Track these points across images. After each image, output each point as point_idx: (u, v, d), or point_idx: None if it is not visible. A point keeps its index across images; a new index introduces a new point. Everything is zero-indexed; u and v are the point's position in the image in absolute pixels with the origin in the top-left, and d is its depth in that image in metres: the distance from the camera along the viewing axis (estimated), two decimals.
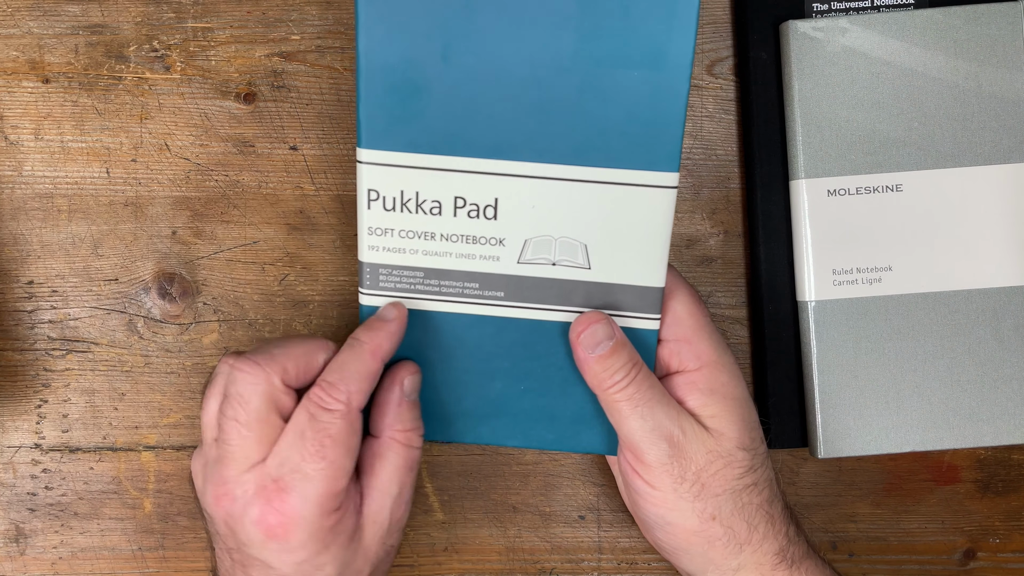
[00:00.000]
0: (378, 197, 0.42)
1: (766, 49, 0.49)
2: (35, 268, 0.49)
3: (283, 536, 0.39)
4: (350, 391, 0.40)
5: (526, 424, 0.45)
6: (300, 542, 0.39)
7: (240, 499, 0.39)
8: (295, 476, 0.39)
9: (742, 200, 0.51)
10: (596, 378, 0.42)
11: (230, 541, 0.41)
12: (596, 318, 0.42)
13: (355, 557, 0.41)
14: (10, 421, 0.50)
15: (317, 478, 0.39)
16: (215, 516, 0.40)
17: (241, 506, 0.39)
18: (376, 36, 0.40)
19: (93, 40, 0.49)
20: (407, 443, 0.42)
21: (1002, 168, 0.48)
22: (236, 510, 0.39)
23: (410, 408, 0.42)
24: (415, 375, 0.43)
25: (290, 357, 0.40)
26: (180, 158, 0.49)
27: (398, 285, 0.43)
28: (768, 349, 0.50)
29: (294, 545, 0.39)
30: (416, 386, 0.43)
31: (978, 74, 0.47)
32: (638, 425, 0.42)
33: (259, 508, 0.39)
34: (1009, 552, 0.52)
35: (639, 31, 0.39)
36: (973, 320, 0.48)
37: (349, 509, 0.40)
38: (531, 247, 0.42)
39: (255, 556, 0.40)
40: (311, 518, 0.39)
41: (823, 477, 0.52)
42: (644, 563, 0.52)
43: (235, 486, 0.39)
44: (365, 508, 0.41)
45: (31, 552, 0.50)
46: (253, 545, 0.39)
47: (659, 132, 0.40)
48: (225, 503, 0.40)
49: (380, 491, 0.41)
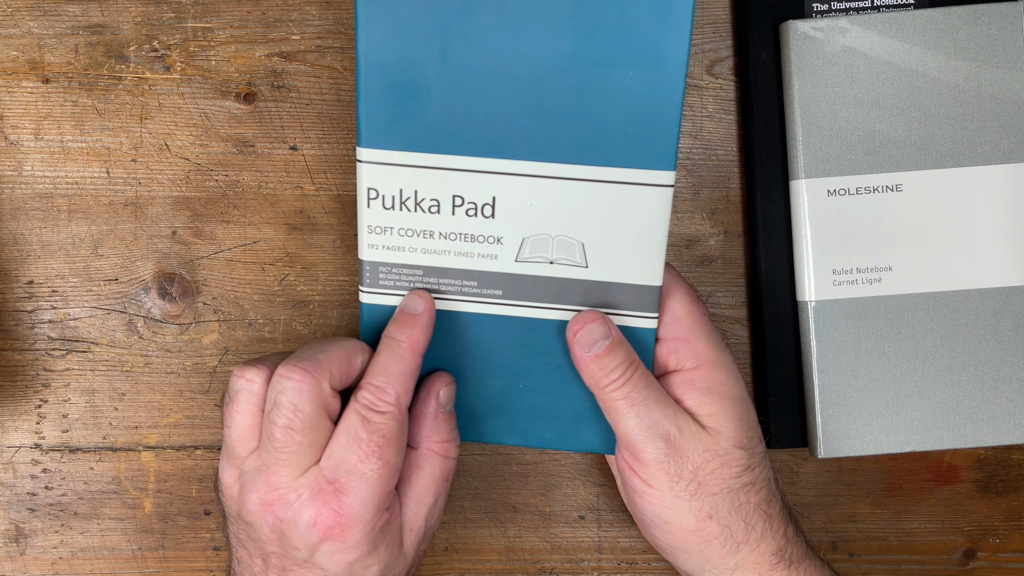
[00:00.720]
0: (378, 196, 0.42)
1: (766, 49, 0.49)
2: (35, 268, 0.49)
3: (340, 536, 0.40)
4: (398, 392, 0.40)
5: (525, 423, 0.45)
6: (355, 542, 0.40)
7: (294, 503, 0.40)
8: (352, 477, 0.40)
9: (742, 200, 0.51)
10: (593, 377, 0.42)
11: (273, 546, 0.41)
12: (592, 317, 0.42)
13: (396, 561, 0.42)
14: (10, 421, 0.50)
15: (374, 478, 0.40)
16: (260, 522, 0.41)
17: (295, 509, 0.40)
18: (375, 36, 0.40)
19: (93, 40, 0.49)
20: (444, 454, 0.43)
21: (1002, 168, 0.48)
22: (289, 514, 0.40)
23: (446, 419, 0.43)
24: (450, 386, 0.43)
25: (334, 361, 0.41)
26: (180, 158, 0.49)
27: (398, 283, 0.43)
28: (768, 349, 0.50)
29: (349, 545, 0.40)
30: (451, 397, 0.44)
31: (978, 74, 0.47)
32: (634, 423, 0.42)
33: (315, 509, 0.40)
34: (1009, 552, 0.52)
35: (635, 31, 0.39)
36: (973, 320, 0.48)
37: (396, 511, 0.42)
38: (529, 245, 0.42)
39: (303, 559, 0.40)
40: (368, 517, 0.40)
41: (823, 477, 0.52)
42: (644, 563, 0.52)
43: (288, 491, 0.40)
44: (403, 516, 0.42)
45: (31, 552, 0.50)
46: (304, 547, 0.40)
47: (656, 131, 0.40)
48: (277, 508, 0.40)
49: (416, 500, 0.42)
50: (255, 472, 0.41)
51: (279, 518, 0.40)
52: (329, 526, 0.40)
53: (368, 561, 0.41)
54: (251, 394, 0.41)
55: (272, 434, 0.40)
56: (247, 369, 0.41)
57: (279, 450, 0.40)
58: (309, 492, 0.40)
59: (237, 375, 0.41)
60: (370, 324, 0.44)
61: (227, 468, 0.42)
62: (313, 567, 0.41)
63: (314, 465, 0.40)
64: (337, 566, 0.40)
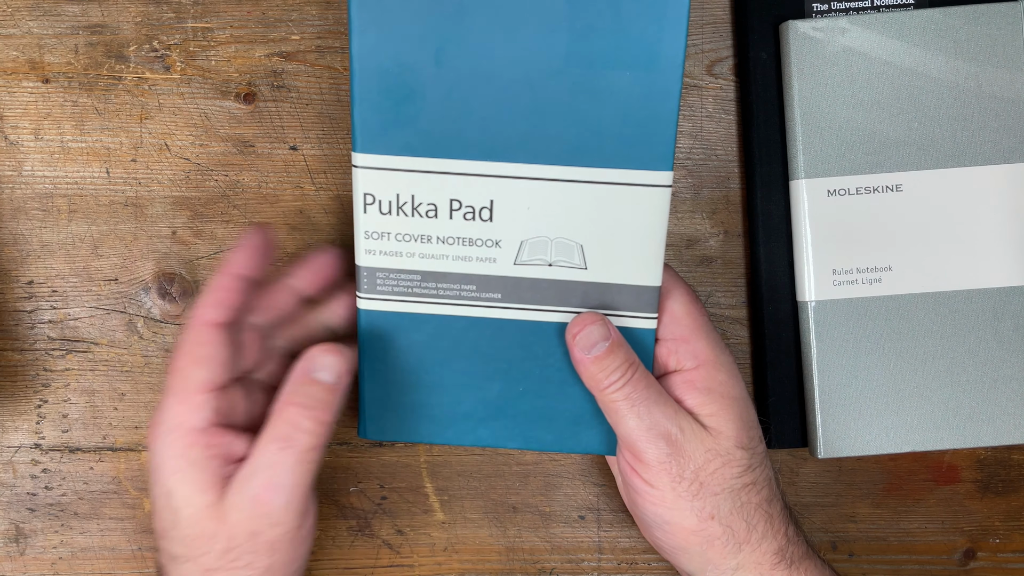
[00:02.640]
0: (374, 201, 0.42)
1: (766, 49, 0.49)
2: (35, 268, 0.49)
3: (150, 446, 0.41)
4: (197, 304, 0.41)
5: (525, 425, 0.45)
6: (156, 453, 0.40)
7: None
8: (163, 392, 0.41)
9: (742, 200, 0.51)
10: (593, 379, 0.42)
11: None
12: (592, 319, 0.42)
13: (208, 511, 0.40)
14: (10, 421, 0.50)
15: (171, 387, 0.40)
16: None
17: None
18: (369, 41, 0.40)
19: (93, 40, 0.49)
20: (289, 418, 0.40)
21: (1002, 168, 0.48)
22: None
23: (307, 383, 0.40)
24: (329, 354, 0.41)
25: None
26: (180, 158, 0.49)
27: (395, 288, 0.43)
28: (768, 349, 0.50)
29: (155, 459, 0.40)
30: (332, 367, 0.41)
31: (978, 74, 0.47)
32: (635, 424, 0.42)
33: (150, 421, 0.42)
34: (1009, 552, 0.52)
35: (630, 32, 0.39)
36: (973, 320, 0.48)
37: (217, 446, 0.40)
38: (527, 248, 0.42)
39: (149, 488, 0.42)
40: (166, 428, 0.40)
41: (823, 477, 0.52)
42: (644, 563, 0.52)
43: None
44: (239, 471, 0.40)
45: (31, 552, 0.50)
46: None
47: (652, 131, 0.40)
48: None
49: (252, 457, 0.40)
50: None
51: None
52: (148, 433, 0.41)
53: (171, 481, 0.40)
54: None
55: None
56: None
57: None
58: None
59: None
60: (368, 331, 0.44)
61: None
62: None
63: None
64: (153, 472, 0.41)
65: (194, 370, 0.40)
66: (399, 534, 0.51)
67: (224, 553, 0.40)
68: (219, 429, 0.40)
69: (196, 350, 0.40)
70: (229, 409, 0.41)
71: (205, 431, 0.40)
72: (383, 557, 0.51)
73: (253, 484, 0.39)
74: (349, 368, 0.41)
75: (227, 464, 0.40)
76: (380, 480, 0.51)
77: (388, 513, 0.51)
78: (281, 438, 0.40)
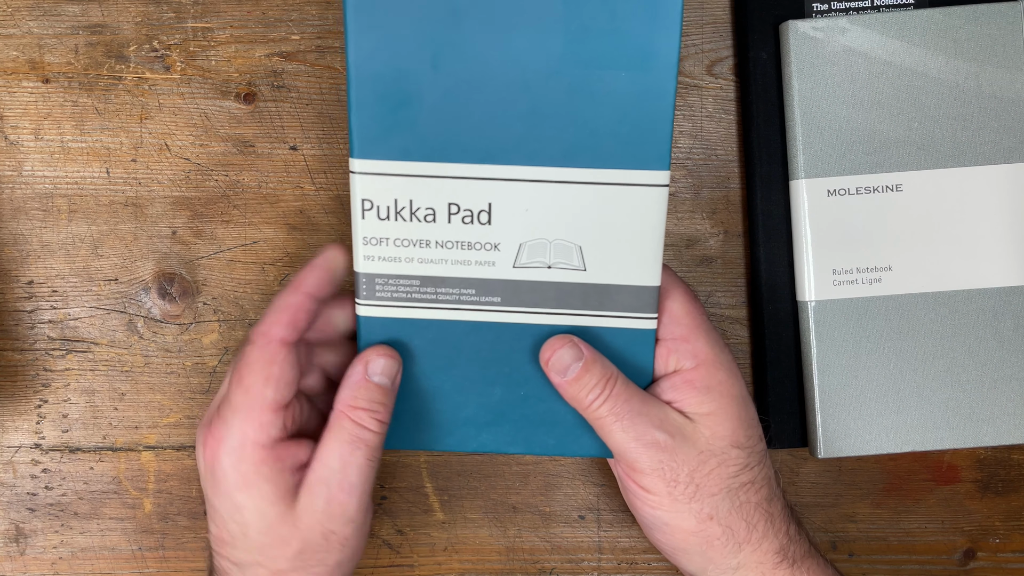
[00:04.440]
0: (372, 207, 0.42)
1: (766, 49, 0.49)
2: (35, 268, 0.49)
3: (211, 460, 0.41)
4: (269, 322, 0.41)
5: (527, 430, 0.45)
6: (223, 469, 0.41)
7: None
8: (224, 405, 0.41)
9: (742, 200, 0.51)
10: (574, 399, 0.42)
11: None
12: (560, 342, 0.42)
13: (281, 519, 0.41)
14: (10, 421, 0.50)
15: (239, 404, 0.41)
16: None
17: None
18: (366, 47, 0.40)
19: (93, 40, 0.49)
20: (356, 421, 0.41)
21: (1002, 168, 0.48)
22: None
23: (367, 387, 0.42)
24: (384, 358, 0.42)
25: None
26: (180, 158, 0.49)
27: (395, 294, 0.43)
28: (768, 349, 0.50)
29: (218, 474, 0.41)
30: (385, 370, 0.42)
31: (978, 74, 0.47)
32: (622, 437, 0.42)
33: (201, 438, 0.42)
34: (1009, 552, 0.52)
35: (625, 32, 0.39)
36: (973, 320, 0.48)
37: (285, 459, 0.41)
38: (526, 251, 0.42)
39: (206, 495, 0.43)
40: (233, 445, 0.40)
41: (823, 477, 0.52)
42: (644, 563, 0.52)
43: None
44: (307, 476, 0.41)
45: (31, 552, 0.50)
46: (202, 481, 0.43)
47: (649, 131, 0.40)
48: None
49: (320, 462, 0.41)
50: None
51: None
52: (206, 454, 0.41)
53: (238, 499, 0.41)
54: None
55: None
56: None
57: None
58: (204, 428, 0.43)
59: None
60: (368, 338, 0.44)
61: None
62: (208, 505, 0.43)
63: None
64: (211, 499, 0.42)
65: (264, 388, 0.41)
66: (399, 534, 0.51)
67: (297, 555, 0.41)
68: (284, 442, 0.41)
69: (267, 369, 0.41)
70: (290, 422, 0.42)
71: (274, 447, 0.41)
72: (383, 557, 0.51)
73: (328, 487, 0.41)
74: (399, 369, 0.43)
75: (295, 473, 0.41)
76: (380, 480, 0.51)
77: (388, 513, 0.51)
78: (349, 440, 0.41)
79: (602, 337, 0.43)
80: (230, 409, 0.41)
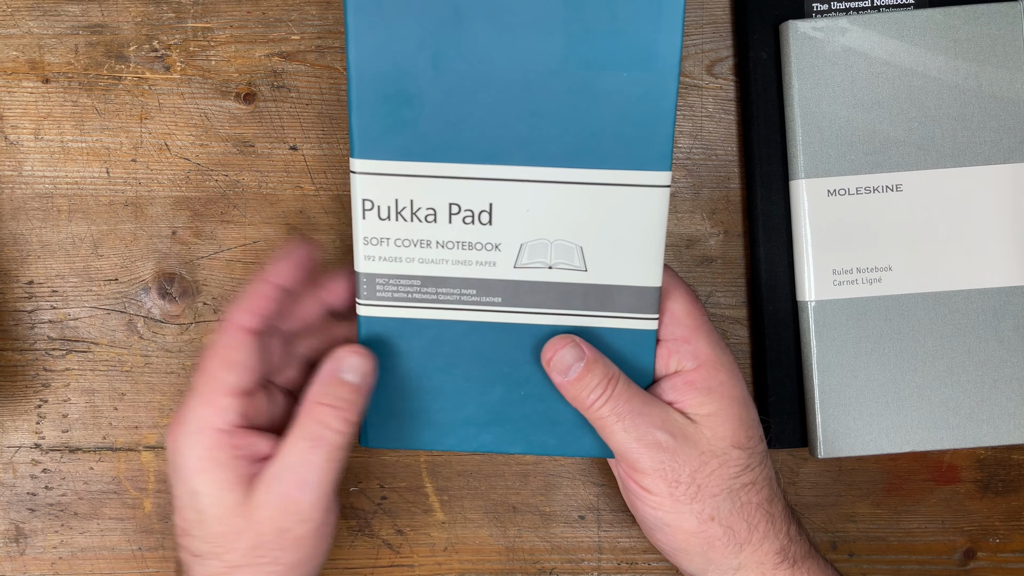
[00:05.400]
0: (373, 207, 0.42)
1: (766, 49, 0.49)
2: (35, 268, 0.49)
3: (172, 445, 0.41)
4: (231, 309, 0.42)
5: (528, 430, 0.45)
6: (181, 453, 0.41)
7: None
8: (188, 392, 0.42)
9: (742, 200, 0.51)
10: (576, 399, 0.42)
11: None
12: (562, 342, 0.42)
13: (236, 509, 0.40)
14: (10, 421, 0.50)
15: (198, 388, 0.41)
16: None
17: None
18: (367, 46, 0.40)
19: (93, 40, 0.49)
20: (320, 418, 0.41)
21: (1002, 168, 0.48)
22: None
23: (337, 383, 0.41)
24: (356, 355, 0.42)
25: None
26: (180, 158, 0.49)
27: (395, 294, 0.43)
28: (768, 349, 0.50)
29: (178, 459, 0.41)
30: (356, 368, 0.42)
31: (978, 74, 0.47)
32: (623, 437, 0.42)
33: (169, 427, 0.42)
34: (1009, 552, 0.52)
35: (626, 33, 0.39)
36: (973, 320, 0.48)
37: (242, 447, 0.41)
38: (527, 251, 0.42)
39: (171, 485, 0.43)
40: (191, 428, 0.41)
41: (823, 477, 0.52)
42: (644, 563, 0.52)
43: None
44: (265, 469, 0.41)
45: (31, 552, 0.50)
46: (168, 471, 0.43)
47: (650, 132, 0.40)
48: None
49: (280, 456, 0.41)
50: None
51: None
52: (170, 435, 0.42)
53: (195, 482, 0.41)
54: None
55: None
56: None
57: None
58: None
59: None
60: (369, 338, 0.44)
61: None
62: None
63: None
64: (174, 482, 0.42)
65: (223, 373, 0.41)
66: (399, 534, 0.51)
67: (251, 550, 0.40)
68: (243, 430, 0.41)
69: (227, 353, 0.41)
70: (253, 412, 0.42)
71: (230, 432, 0.41)
72: (383, 557, 0.51)
73: (282, 482, 0.40)
74: (373, 369, 0.42)
75: (252, 463, 0.41)
76: (380, 480, 0.51)
77: (388, 513, 0.51)
78: (310, 437, 0.40)
79: (603, 337, 0.43)
80: (192, 394, 0.41)
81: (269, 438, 0.41)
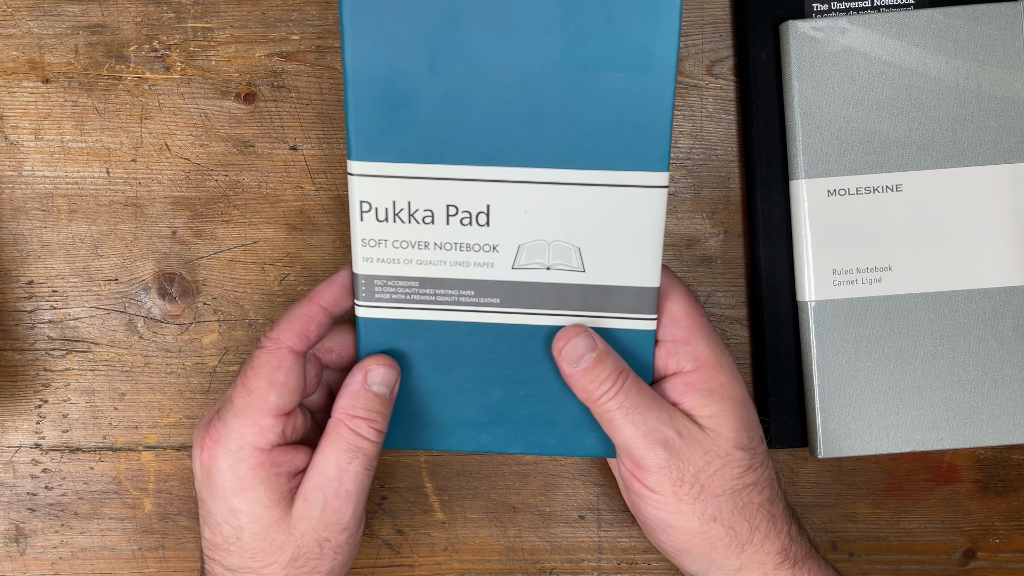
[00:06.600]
0: (371, 208, 0.42)
1: (766, 49, 0.49)
2: (35, 268, 0.49)
3: (208, 462, 0.41)
4: (280, 329, 0.42)
5: (527, 430, 0.45)
6: (220, 470, 0.41)
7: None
8: (226, 407, 0.42)
9: (742, 200, 0.51)
10: (584, 391, 0.42)
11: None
12: (575, 332, 0.42)
13: (276, 525, 0.41)
14: (10, 421, 0.50)
15: (240, 407, 0.41)
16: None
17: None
18: (363, 48, 0.40)
19: (93, 40, 0.49)
20: (354, 429, 0.42)
21: (1002, 168, 0.48)
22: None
23: (366, 396, 0.42)
24: (383, 367, 0.43)
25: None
26: (180, 158, 0.49)
27: (394, 296, 0.43)
28: (768, 349, 0.50)
29: (215, 476, 0.41)
30: (384, 379, 0.43)
31: (978, 74, 0.47)
32: (631, 432, 0.42)
33: (199, 440, 0.42)
34: (1009, 552, 0.52)
35: (623, 34, 0.39)
36: (973, 320, 0.48)
37: (282, 464, 0.41)
38: (525, 252, 0.42)
39: (201, 498, 0.43)
40: (232, 447, 0.41)
41: (823, 477, 0.52)
42: (644, 563, 0.52)
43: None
44: (303, 483, 0.42)
45: (31, 552, 0.50)
46: (197, 484, 0.43)
47: (647, 132, 0.40)
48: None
49: (317, 469, 0.42)
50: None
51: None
52: (203, 456, 0.41)
53: (233, 502, 0.41)
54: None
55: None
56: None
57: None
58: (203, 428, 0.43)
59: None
60: (368, 339, 0.44)
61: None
62: (202, 507, 0.43)
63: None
64: (206, 502, 0.42)
65: (268, 394, 0.41)
66: (399, 534, 0.51)
67: (291, 562, 0.41)
68: (281, 448, 0.42)
69: (274, 375, 0.41)
70: (290, 430, 0.42)
71: (272, 452, 0.41)
72: (383, 557, 0.51)
73: (324, 494, 0.41)
74: (398, 379, 0.44)
75: (291, 479, 0.42)
76: (380, 480, 0.51)
77: (388, 513, 0.51)
78: (346, 449, 0.41)
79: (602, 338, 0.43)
80: (231, 411, 0.41)
81: (303, 451, 0.42)
